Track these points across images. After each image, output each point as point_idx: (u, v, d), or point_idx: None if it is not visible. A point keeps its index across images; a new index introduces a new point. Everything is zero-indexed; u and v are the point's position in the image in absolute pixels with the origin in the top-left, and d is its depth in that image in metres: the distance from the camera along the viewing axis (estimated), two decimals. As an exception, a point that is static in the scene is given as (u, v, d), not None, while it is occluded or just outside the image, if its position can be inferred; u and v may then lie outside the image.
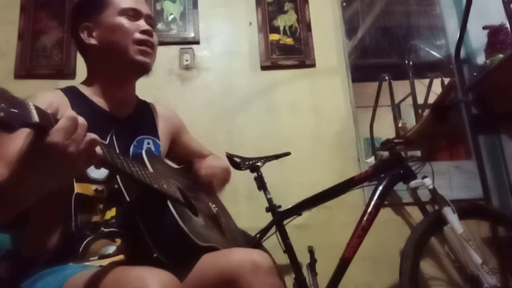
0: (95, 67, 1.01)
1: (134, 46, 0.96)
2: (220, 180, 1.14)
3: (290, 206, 1.63)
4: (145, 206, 0.84)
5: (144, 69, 0.99)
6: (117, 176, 0.85)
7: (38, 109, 0.53)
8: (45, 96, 0.89)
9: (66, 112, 0.58)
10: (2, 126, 0.48)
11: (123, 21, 0.96)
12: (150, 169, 0.86)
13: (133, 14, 0.98)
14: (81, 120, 0.59)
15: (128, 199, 0.83)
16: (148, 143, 1.02)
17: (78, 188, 0.85)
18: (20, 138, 0.76)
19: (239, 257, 0.81)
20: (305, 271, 1.61)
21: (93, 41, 0.97)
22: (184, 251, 0.83)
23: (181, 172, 1.09)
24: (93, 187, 0.88)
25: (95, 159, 0.63)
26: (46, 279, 0.78)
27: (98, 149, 0.63)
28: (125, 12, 0.97)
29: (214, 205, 1.12)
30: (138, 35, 0.96)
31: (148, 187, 0.81)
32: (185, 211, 0.90)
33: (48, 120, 0.55)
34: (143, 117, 1.08)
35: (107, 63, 0.98)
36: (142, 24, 0.98)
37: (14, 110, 0.49)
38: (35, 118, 0.52)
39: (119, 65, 0.97)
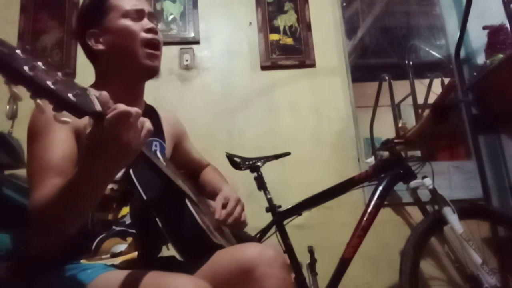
0: (104, 72, 1.01)
1: (142, 49, 0.96)
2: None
3: (290, 206, 1.63)
4: (163, 204, 0.86)
5: (153, 73, 1.00)
6: (132, 175, 0.86)
7: (98, 98, 0.58)
8: None
9: (118, 104, 0.61)
10: (75, 111, 0.53)
11: (128, 23, 0.96)
12: (167, 168, 0.89)
13: (136, 14, 0.98)
14: (134, 109, 0.63)
15: (145, 197, 0.85)
16: (156, 145, 1.04)
17: None
18: (60, 143, 0.80)
19: (256, 250, 0.83)
20: (305, 271, 1.61)
21: (101, 47, 0.97)
22: (200, 247, 0.86)
23: (185, 176, 1.10)
24: (110, 185, 0.89)
25: (148, 135, 0.67)
26: (65, 277, 0.79)
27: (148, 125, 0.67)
28: (128, 14, 0.97)
29: (213, 209, 1.13)
30: (144, 35, 0.97)
31: (170, 183, 0.84)
32: (199, 210, 0.92)
33: (105, 109, 0.60)
34: (151, 120, 1.09)
35: (116, 67, 0.98)
36: (145, 22, 0.98)
37: (83, 98, 0.54)
38: (98, 107, 0.57)
39: (129, 69, 0.98)
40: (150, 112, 1.11)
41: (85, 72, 1.04)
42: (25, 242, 0.96)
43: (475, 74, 2.13)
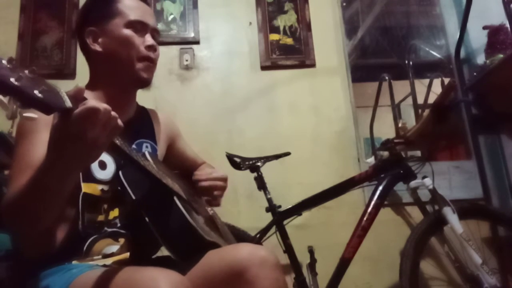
0: (98, 72, 1.01)
1: (138, 63, 0.97)
2: (220, 192, 1.12)
3: (290, 206, 1.63)
4: (151, 203, 0.86)
5: (144, 85, 1.01)
6: (121, 175, 0.87)
7: (69, 96, 0.58)
8: None
9: (88, 101, 0.61)
10: (42, 107, 0.52)
11: (130, 34, 0.97)
12: (155, 167, 0.88)
13: (140, 27, 0.99)
14: (103, 106, 0.62)
15: (133, 197, 0.85)
16: (147, 147, 1.04)
17: (85, 188, 0.87)
18: (44, 145, 0.79)
19: (248, 251, 0.82)
20: (305, 271, 1.61)
21: (98, 47, 0.97)
22: (191, 246, 0.85)
23: (178, 176, 1.10)
24: (100, 187, 0.89)
25: (116, 133, 0.66)
26: (52, 278, 0.79)
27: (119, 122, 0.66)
28: (132, 25, 0.97)
29: (210, 208, 1.13)
30: (143, 50, 0.97)
31: (157, 182, 0.84)
32: (189, 208, 0.92)
33: (77, 105, 0.60)
34: (142, 122, 1.10)
35: (110, 70, 0.98)
36: (148, 39, 0.99)
37: (51, 94, 0.54)
38: (68, 103, 0.57)
39: (121, 76, 0.98)
40: (142, 114, 1.11)
41: (85, 72, 1.04)
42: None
43: (475, 74, 2.13)
